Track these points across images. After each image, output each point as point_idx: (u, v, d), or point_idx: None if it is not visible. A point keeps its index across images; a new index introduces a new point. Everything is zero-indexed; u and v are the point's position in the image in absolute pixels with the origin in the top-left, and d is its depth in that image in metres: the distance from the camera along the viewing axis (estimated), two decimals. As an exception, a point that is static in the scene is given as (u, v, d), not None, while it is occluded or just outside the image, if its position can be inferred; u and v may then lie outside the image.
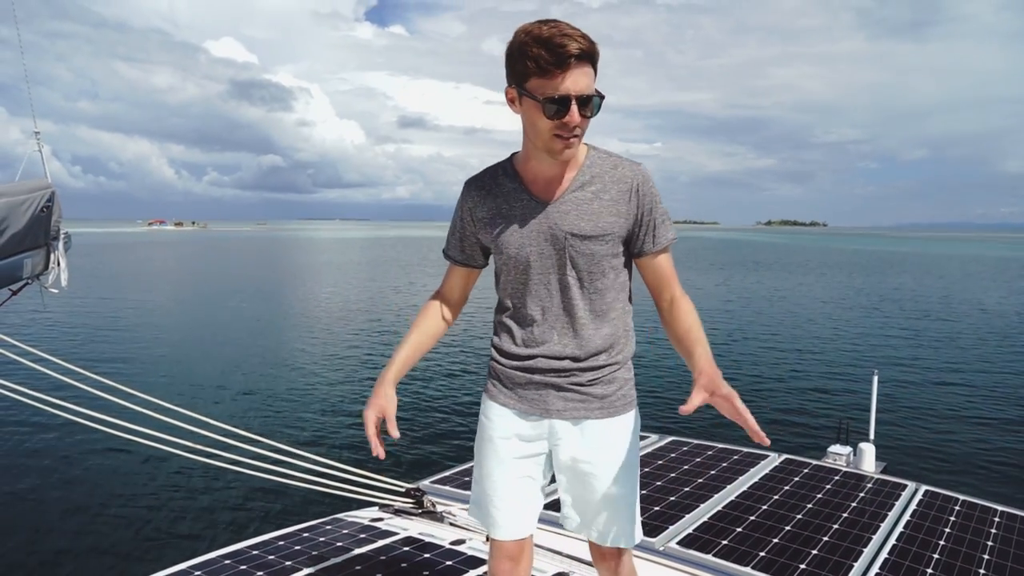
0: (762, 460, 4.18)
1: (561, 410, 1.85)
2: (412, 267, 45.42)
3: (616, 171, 1.80)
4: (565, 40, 1.57)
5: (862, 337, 18.36)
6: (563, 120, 1.63)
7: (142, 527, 6.55)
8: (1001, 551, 3.09)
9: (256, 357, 14.87)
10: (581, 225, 1.76)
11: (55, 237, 4.00)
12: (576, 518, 1.97)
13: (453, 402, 11.18)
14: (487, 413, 1.93)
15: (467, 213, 1.90)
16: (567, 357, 1.83)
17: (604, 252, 1.79)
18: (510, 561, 1.89)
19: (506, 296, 1.90)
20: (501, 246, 1.83)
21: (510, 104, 1.73)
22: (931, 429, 10.00)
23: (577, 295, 1.81)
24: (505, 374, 1.90)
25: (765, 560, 2.93)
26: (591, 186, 1.78)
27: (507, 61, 1.69)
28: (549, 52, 1.58)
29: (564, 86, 1.60)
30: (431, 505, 3.46)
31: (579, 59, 1.60)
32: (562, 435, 1.87)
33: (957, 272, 47.44)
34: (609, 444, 1.86)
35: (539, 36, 1.59)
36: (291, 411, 10.69)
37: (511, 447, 1.89)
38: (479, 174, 1.90)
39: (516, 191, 1.82)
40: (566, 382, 1.84)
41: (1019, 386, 12.87)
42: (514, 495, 1.89)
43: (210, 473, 7.56)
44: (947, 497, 3.68)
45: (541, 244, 1.79)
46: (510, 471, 1.89)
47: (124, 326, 18.69)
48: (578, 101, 1.62)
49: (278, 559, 2.87)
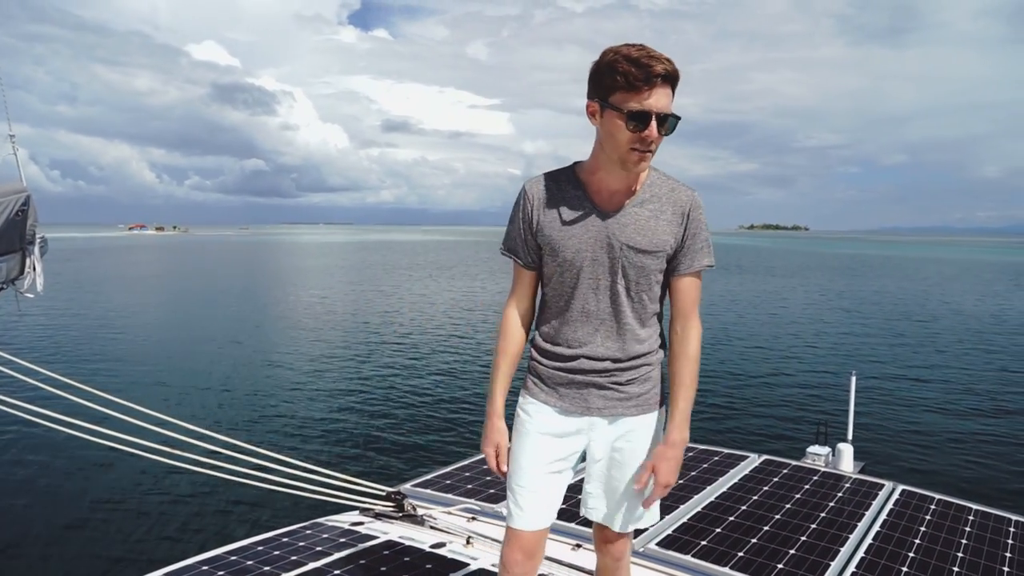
0: (742, 461, 4.21)
1: (601, 408, 1.98)
2: (397, 271, 45.30)
3: (674, 193, 1.94)
4: (653, 61, 1.71)
5: (841, 339, 18.55)
6: (642, 134, 1.76)
7: (119, 534, 6.48)
8: (975, 549, 3.13)
9: (237, 362, 14.77)
10: (637, 239, 1.90)
11: (31, 241, 3.95)
12: (603, 508, 2.06)
13: (435, 406, 11.16)
14: (526, 409, 2.03)
15: (528, 216, 1.97)
16: (608, 359, 1.96)
17: (653, 266, 1.93)
18: (522, 553, 1.98)
19: (553, 298, 2.00)
20: (558, 249, 1.93)
21: (590, 117, 1.85)
22: (908, 429, 10.12)
23: (624, 302, 1.94)
24: (547, 373, 2.02)
25: (743, 560, 2.95)
26: (650, 204, 1.92)
27: (593, 76, 1.81)
28: (638, 69, 1.71)
29: (647, 102, 1.74)
30: (412, 509, 3.46)
31: (663, 80, 1.74)
32: (599, 430, 2.00)
33: (935, 275, 48.06)
34: (641, 437, 2.01)
35: (628, 55, 1.72)
36: (272, 416, 10.62)
37: (546, 444, 1.99)
38: (540, 178, 1.99)
39: (579, 198, 1.92)
40: (607, 381, 1.97)
41: (994, 386, 13.06)
42: (542, 489, 1.99)
43: (189, 478, 7.49)
44: (923, 496, 3.73)
45: (596, 251, 1.91)
46: (542, 466, 1.99)
47: (101, 331, 18.48)
48: (657, 118, 1.75)
49: (256, 564, 2.86)
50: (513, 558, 1.98)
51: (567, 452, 2.01)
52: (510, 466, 2.04)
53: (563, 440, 2.00)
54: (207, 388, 12.37)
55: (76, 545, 6.21)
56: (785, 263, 62.83)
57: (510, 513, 2.01)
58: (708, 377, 2.60)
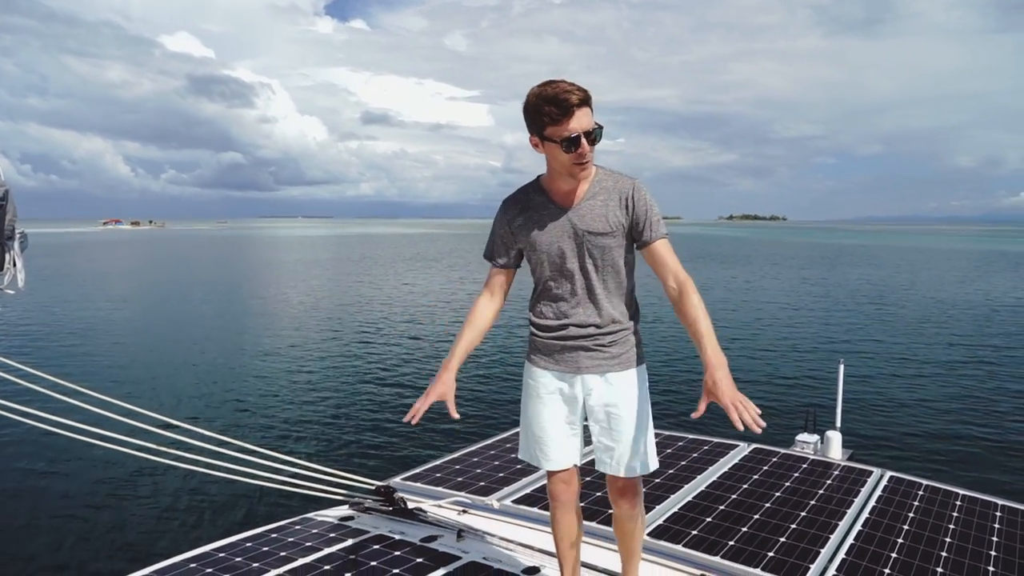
0: (732, 450, 4.22)
1: (589, 366, 2.39)
2: (380, 263, 45.09)
3: (617, 184, 2.34)
4: (566, 95, 2.12)
5: (828, 328, 18.72)
6: (578, 151, 2.18)
7: (104, 532, 6.40)
8: (962, 534, 3.16)
9: (222, 357, 14.65)
10: (594, 225, 2.31)
11: (10, 236, 3.86)
12: (608, 459, 2.43)
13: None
14: (532, 376, 2.47)
15: (507, 224, 2.43)
16: (591, 325, 2.36)
17: (612, 244, 2.33)
18: (563, 483, 2.44)
19: (540, 283, 2.44)
20: (536, 244, 2.36)
21: (534, 148, 2.27)
22: (896, 416, 10.24)
23: (595, 277, 2.35)
24: (544, 344, 2.44)
25: (734, 549, 2.96)
26: (600, 196, 2.33)
27: (526, 117, 2.23)
28: (557, 106, 2.13)
29: (572, 127, 2.15)
30: (402, 503, 3.43)
31: (579, 106, 2.13)
32: (592, 386, 2.40)
33: (914, 264, 48.62)
34: (627, 390, 2.40)
35: (546, 95, 2.14)
36: (259, 410, 10.55)
37: (554, 399, 2.43)
38: (514, 194, 2.44)
39: (544, 203, 2.37)
40: (592, 343, 2.37)
41: (978, 371, 13.24)
42: (560, 433, 2.43)
43: (175, 475, 7.43)
44: (911, 482, 3.75)
45: (564, 240, 2.33)
46: (556, 416, 2.43)
47: (80, 327, 18.25)
48: (585, 136, 2.17)
49: (245, 561, 2.82)
50: (556, 489, 2.45)
51: (569, 405, 2.43)
52: (529, 423, 2.47)
53: (564, 396, 2.43)
54: (192, 384, 12.27)
55: (53, 545, 6.13)
56: (766, 253, 63.26)
57: (540, 461, 2.45)
58: (696, 367, 2.61)
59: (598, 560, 2.89)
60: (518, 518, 3.32)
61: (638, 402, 2.41)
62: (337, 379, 12.57)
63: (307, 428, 9.65)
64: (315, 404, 10.87)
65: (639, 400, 2.42)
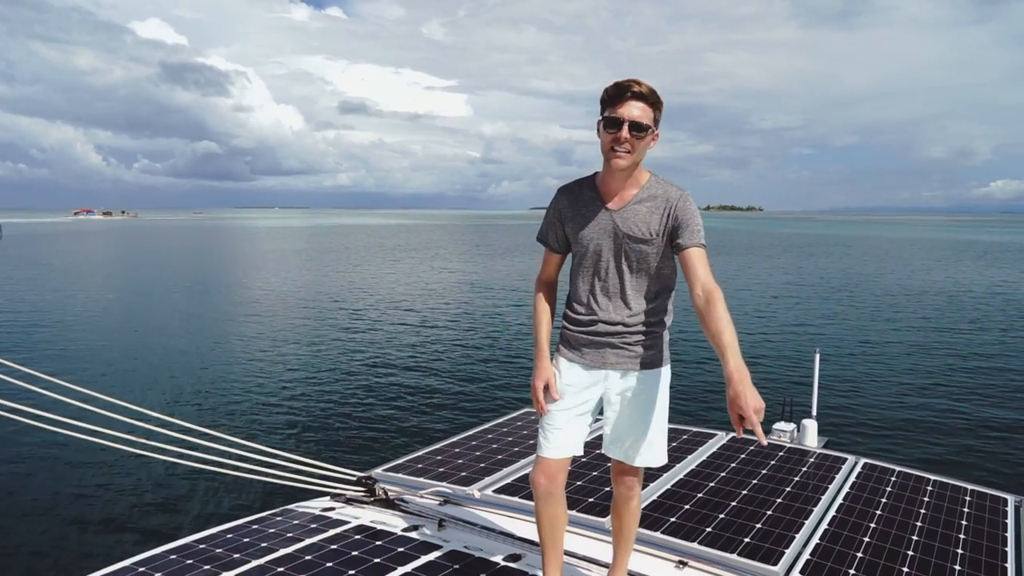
0: (710, 439, 4.28)
1: (614, 363, 2.47)
2: (357, 253, 44.85)
3: (665, 192, 2.39)
4: (630, 83, 2.25)
5: (804, 317, 18.95)
6: (616, 135, 2.25)
7: (84, 524, 6.35)
8: (933, 518, 3.24)
9: (202, 349, 14.51)
10: (634, 230, 2.38)
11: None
12: (619, 447, 2.55)
13: (405, 391, 11.12)
14: (558, 367, 2.53)
15: (557, 211, 2.52)
16: (620, 323, 2.44)
17: (650, 251, 2.39)
18: (546, 476, 2.47)
19: (578, 277, 2.51)
20: (579, 239, 2.46)
21: (597, 132, 2.33)
22: (870, 404, 10.41)
23: (629, 279, 2.43)
24: (573, 337, 2.51)
25: (712, 535, 3.01)
26: (648, 202, 2.39)
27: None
28: (616, 89, 2.26)
29: (619, 111, 2.25)
30: (383, 493, 3.44)
31: (636, 96, 2.25)
32: (613, 382, 2.50)
33: (887, 253, 49.27)
34: (647, 389, 2.49)
35: (615, 82, 2.28)
36: (240, 402, 10.48)
37: (571, 393, 2.49)
38: (570, 184, 2.53)
39: (594, 199, 2.45)
40: (619, 341, 2.46)
41: (951, 361, 13.48)
42: (569, 425, 2.48)
43: (156, 467, 7.37)
44: (884, 469, 3.84)
45: (605, 239, 2.42)
46: (569, 408, 2.49)
47: (54, 318, 17.97)
48: (630, 124, 2.24)
49: (226, 552, 2.82)
50: (539, 480, 2.48)
51: (587, 399, 2.51)
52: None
53: (585, 390, 2.49)
54: (173, 376, 12.16)
55: (33, 537, 6.06)
56: (743, 243, 63.78)
57: (540, 445, 2.51)
58: (675, 356, 2.68)
59: (580, 548, 2.93)
60: (500, 507, 3.35)
61: (657, 402, 2.50)
62: (319, 371, 12.52)
63: (288, 420, 9.61)
64: (297, 396, 10.82)
65: (658, 400, 2.51)
